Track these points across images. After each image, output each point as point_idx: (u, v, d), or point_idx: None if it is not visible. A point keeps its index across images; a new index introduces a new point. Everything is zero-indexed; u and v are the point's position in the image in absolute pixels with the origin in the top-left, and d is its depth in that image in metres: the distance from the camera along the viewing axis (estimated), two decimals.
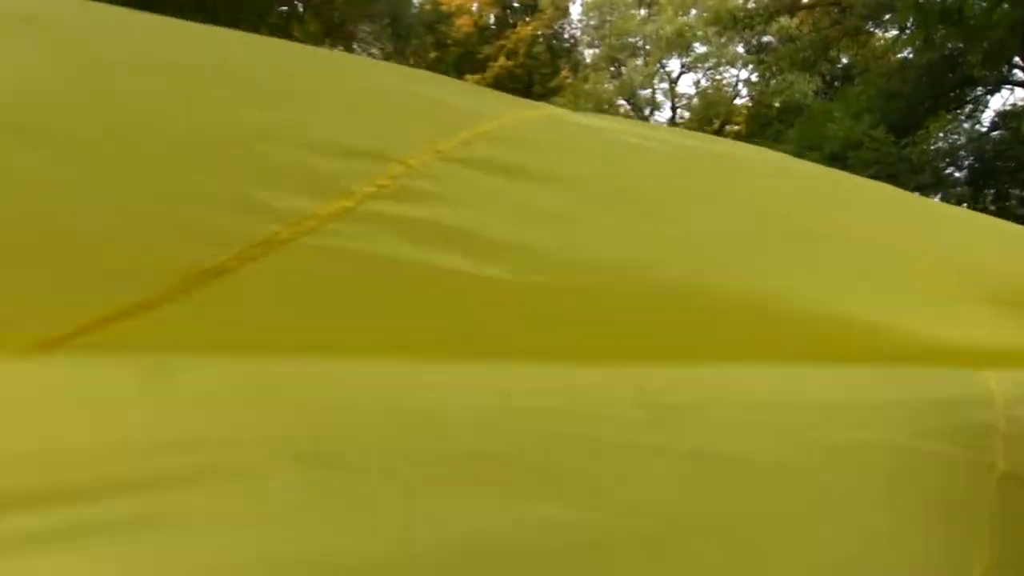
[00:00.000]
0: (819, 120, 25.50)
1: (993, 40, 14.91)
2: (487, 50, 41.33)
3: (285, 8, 12.66)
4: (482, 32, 43.06)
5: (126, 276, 0.79)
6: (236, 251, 0.80)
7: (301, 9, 15.35)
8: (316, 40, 19.76)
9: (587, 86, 39.81)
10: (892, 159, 21.28)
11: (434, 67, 35.83)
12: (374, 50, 32.16)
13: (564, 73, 43.98)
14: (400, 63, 33.29)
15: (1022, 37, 19.24)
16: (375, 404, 0.86)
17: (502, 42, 41.29)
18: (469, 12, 42.98)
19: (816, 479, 1.09)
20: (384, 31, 29.61)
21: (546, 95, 40.40)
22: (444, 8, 36.85)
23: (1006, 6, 14.41)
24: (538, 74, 42.41)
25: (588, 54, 45.71)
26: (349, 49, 30.12)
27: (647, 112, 43.46)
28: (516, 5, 43.95)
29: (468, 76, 39.23)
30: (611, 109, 41.24)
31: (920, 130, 21.82)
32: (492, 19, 44.13)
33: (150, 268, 0.80)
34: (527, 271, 0.95)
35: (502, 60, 40.25)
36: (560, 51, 44.45)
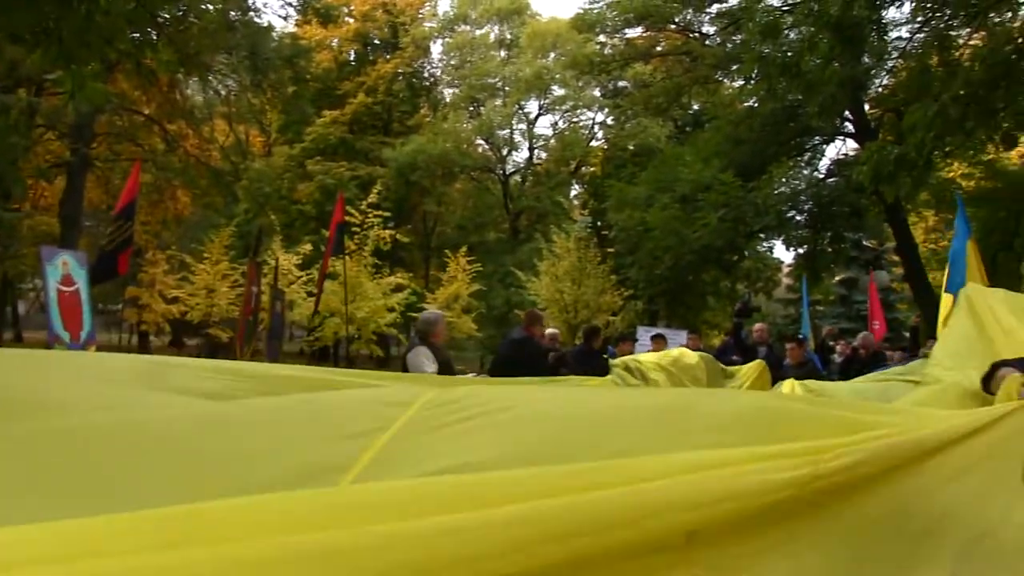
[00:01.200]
0: (671, 163, 26.06)
1: (827, 94, 15.73)
2: (346, 86, 40.99)
3: (137, 35, 12.12)
4: (342, 68, 42.77)
5: None
6: None
7: (154, 37, 14.78)
8: (170, 68, 19.15)
9: (446, 125, 39.76)
10: (739, 202, 22.01)
11: (292, 102, 35.37)
12: (230, 82, 31.54)
13: (423, 111, 44.03)
14: (257, 96, 32.75)
15: (852, 93, 20.52)
16: None
17: (362, 79, 41.05)
18: (329, 47, 42.60)
19: None
20: (241, 64, 28.91)
21: (405, 133, 40.40)
22: (303, 42, 36.29)
23: (836, 65, 15.26)
24: (397, 111, 42.33)
25: (448, 93, 45.97)
26: (204, 80, 29.40)
27: (505, 152, 43.93)
28: (377, 42, 43.85)
29: (326, 112, 38.87)
30: (470, 148, 41.54)
31: (764, 175, 22.69)
32: (352, 55, 43.87)
33: None
34: None
35: (361, 97, 39.92)
36: (420, 89, 44.57)
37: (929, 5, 15.40)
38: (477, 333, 29.78)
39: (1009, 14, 15.24)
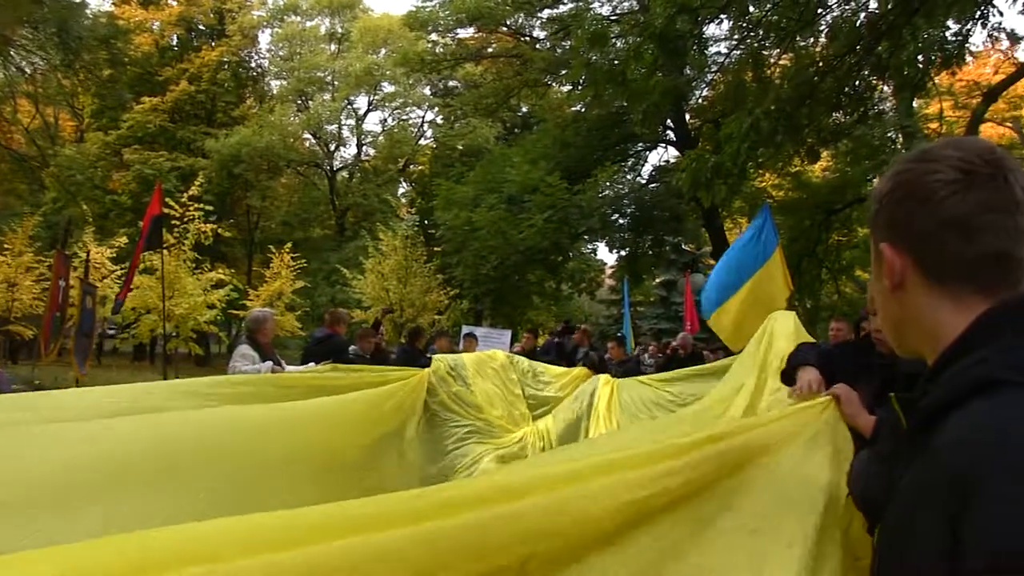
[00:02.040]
0: (499, 164, 26.25)
1: (650, 103, 16.20)
2: (168, 72, 39.08)
3: None
4: (163, 53, 40.75)
5: None
6: None
7: None
8: None
9: (272, 117, 38.60)
10: (565, 204, 22.38)
11: (107, 86, 33.55)
12: (37, 59, 29.54)
13: (249, 103, 42.71)
14: (68, 77, 30.84)
15: (674, 103, 21.25)
16: None
17: (185, 65, 39.17)
18: (149, 30, 40.64)
19: None
20: (50, 40, 27.15)
21: (229, 124, 39.04)
22: (121, 23, 34.48)
23: (660, 75, 15.73)
24: (222, 102, 40.79)
25: (275, 85, 44.77)
26: (4, 55, 27.40)
27: (332, 147, 43.22)
28: (202, 27, 42.11)
29: (146, 98, 37.09)
30: (296, 142, 40.62)
31: (590, 178, 23.18)
32: (175, 40, 41.95)
33: None
34: None
35: (184, 84, 38.12)
36: (246, 80, 43.15)
37: (745, 24, 16.08)
38: (301, 332, 29.06)
39: (812, 39, 16.17)
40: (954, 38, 13.48)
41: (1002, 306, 1.16)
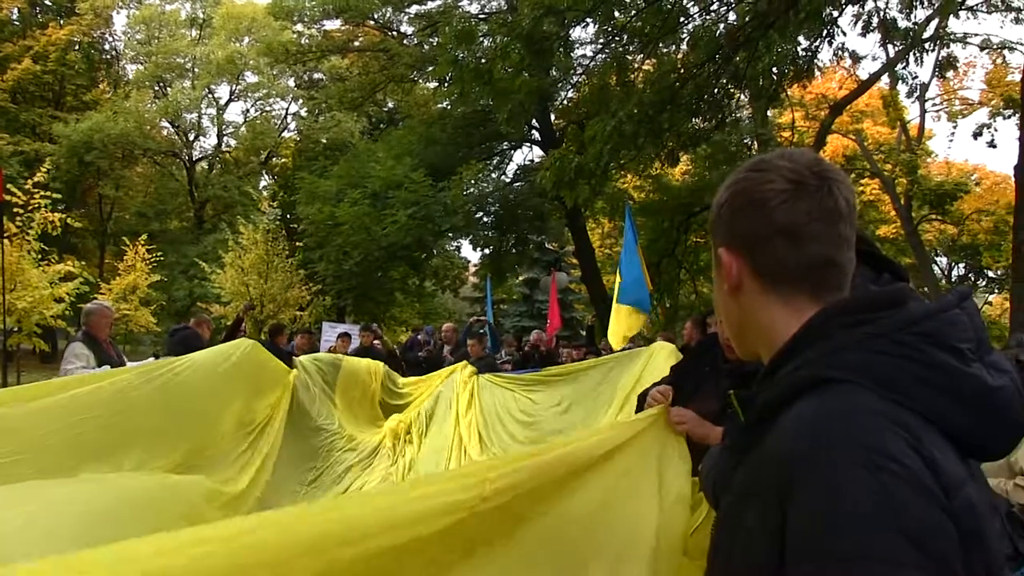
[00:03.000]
0: (363, 159, 26.08)
1: (516, 102, 16.37)
2: (9, 49, 36.65)
3: None
4: (2, 27, 38.37)
5: None
6: None
7: None
8: None
9: (128, 103, 36.91)
10: (429, 201, 22.36)
11: None
12: None
13: (103, 87, 40.79)
14: None
15: (539, 103, 21.52)
16: None
17: (29, 43, 36.86)
18: None
19: None
20: None
21: (80, 108, 37.21)
22: None
23: (526, 75, 15.91)
24: (71, 84, 38.74)
25: (131, 70, 42.83)
26: None
27: (191, 137, 41.85)
28: (48, 3, 39.92)
29: None
30: (153, 130, 39.14)
31: (455, 176, 23.22)
32: (16, 14, 39.46)
33: None
34: None
35: (27, 63, 35.83)
36: (99, 62, 41.07)
37: (610, 29, 16.42)
38: (156, 327, 28.09)
39: (674, 47, 16.66)
40: (804, 53, 14.18)
41: (828, 310, 1.24)
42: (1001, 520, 1.60)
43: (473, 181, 25.06)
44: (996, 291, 40.23)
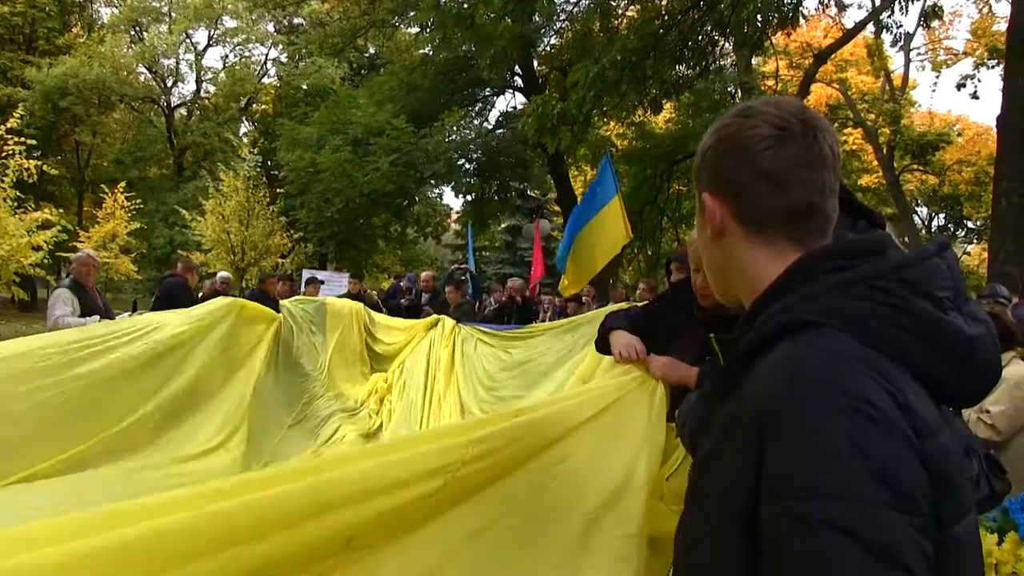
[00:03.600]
0: (344, 105, 25.88)
1: (498, 48, 16.21)
2: None
3: None
4: None
5: None
6: None
7: None
8: None
9: (103, 48, 36.12)
10: (411, 148, 22.23)
11: None
12: None
13: (76, 31, 39.98)
14: None
15: (522, 49, 21.30)
16: None
17: None
18: None
19: None
20: None
21: (53, 53, 36.43)
22: None
23: (508, 21, 15.74)
24: (43, 28, 37.80)
25: (105, 13, 41.96)
26: None
27: (169, 83, 41.19)
28: None
29: None
30: (130, 76, 38.50)
31: (436, 122, 23.06)
32: None
33: None
34: None
35: None
36: (71, 5, 40.09)
37: None
38: (137, 275, 27.90)
39: None
40: (789, 1, 14.05)
41: (810, 256, 1.26)
42: (979, 461, 1.64)
43: (455, 128, 24.91)
44: (975, 241, 40.56)
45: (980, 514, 3.23)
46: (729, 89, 23.46)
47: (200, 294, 11.41)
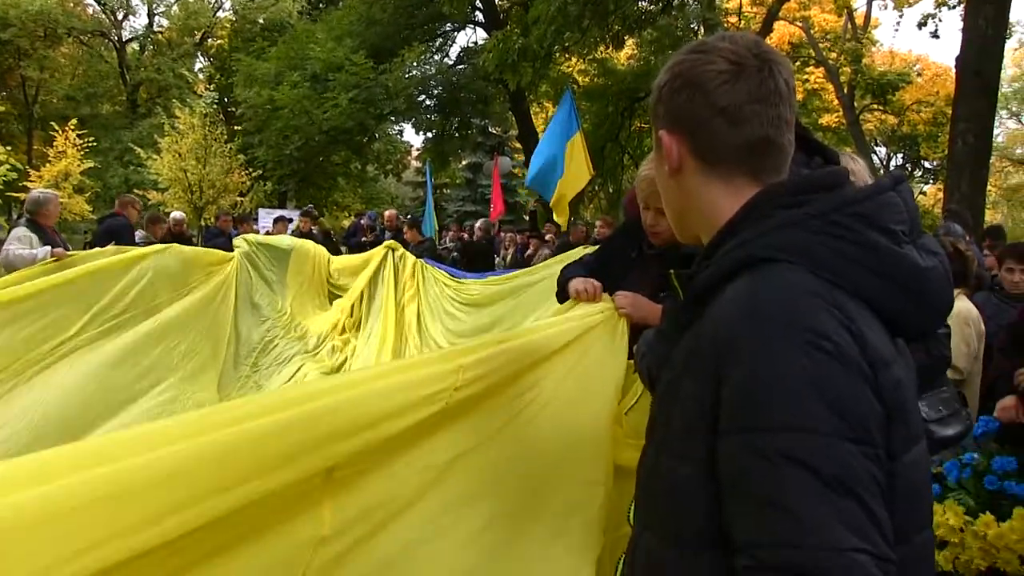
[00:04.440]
0: (302, 41, 25.48)
1: None
2: None
3: None
4: None
5: None
6: None
7: None
8: None
9: None
10: (370, 84, 22.01)
11: None
12: None
13: None
14: None
15: None
16: None
17: None
18: None
19: None
20: None
21: None
22: None
23: None
24: None
25: None
26: None
27: (120, 16, 40.09)
28: None
29: None
30: (78, 7, 37.43)
31: (396, 58, 22.76)
32: None
33: None
34: None
35: None
36: None
37: None
38: (92, 215, 27.40)
39: None
40: None
41: (767, 191, 1.28)
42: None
43: (415, 64, 24.71)
44: (931, 181, 41.02)
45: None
46: (692, 25, 23.29)
47: (157, 238, 11.16)
